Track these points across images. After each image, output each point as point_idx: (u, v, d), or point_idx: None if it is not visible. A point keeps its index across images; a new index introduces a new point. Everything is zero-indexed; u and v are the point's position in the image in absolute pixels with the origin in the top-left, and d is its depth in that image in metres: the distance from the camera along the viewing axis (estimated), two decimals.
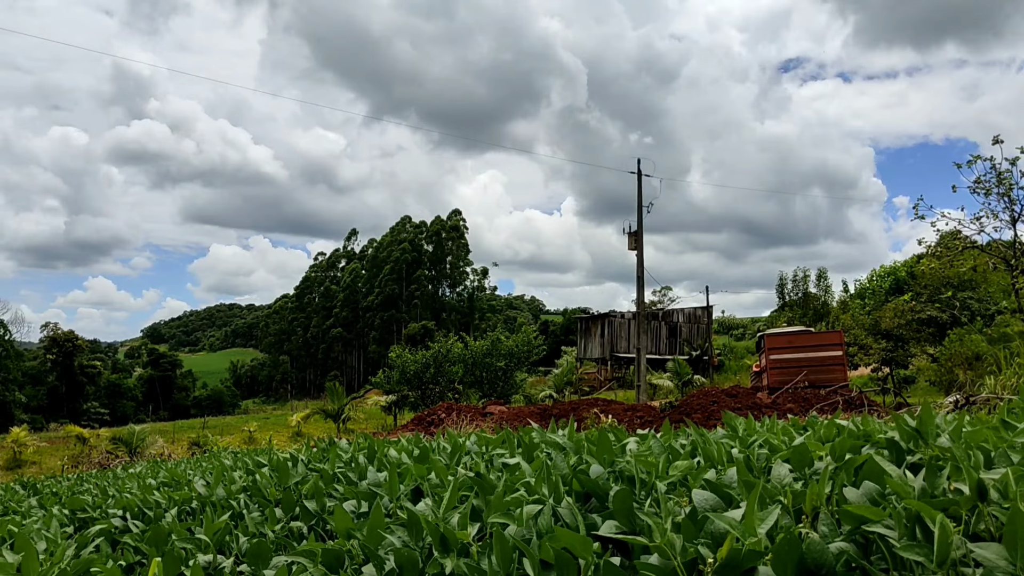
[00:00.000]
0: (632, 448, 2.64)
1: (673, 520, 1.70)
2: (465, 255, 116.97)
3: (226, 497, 3.53)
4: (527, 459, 2.82)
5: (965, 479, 1.59)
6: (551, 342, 58.85)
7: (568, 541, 1.68)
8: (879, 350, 28.36)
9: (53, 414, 72.03)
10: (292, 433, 34.77)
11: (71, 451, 33.98)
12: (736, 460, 2.25)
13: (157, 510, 3.73)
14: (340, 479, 3.27)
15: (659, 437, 3.09)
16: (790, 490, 1.78)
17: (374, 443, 4.02)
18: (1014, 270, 16.92)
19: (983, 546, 1.40)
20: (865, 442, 2.25)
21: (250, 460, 5.03)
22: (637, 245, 30.82)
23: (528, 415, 16.10)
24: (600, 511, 2.07)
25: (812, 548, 1.51)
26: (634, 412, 15.85)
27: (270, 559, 2.40)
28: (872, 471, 1.78)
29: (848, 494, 1.69)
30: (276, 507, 3.03)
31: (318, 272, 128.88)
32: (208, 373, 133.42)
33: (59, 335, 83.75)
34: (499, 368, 33.78)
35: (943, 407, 11.09)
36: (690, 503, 1.85)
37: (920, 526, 1.53)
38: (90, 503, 4.62)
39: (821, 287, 60.15)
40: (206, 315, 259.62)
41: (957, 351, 20.69)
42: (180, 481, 4.87)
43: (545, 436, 3.18)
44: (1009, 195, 16.33)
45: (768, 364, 24.62)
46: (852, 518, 1.59)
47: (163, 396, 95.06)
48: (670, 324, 54.63)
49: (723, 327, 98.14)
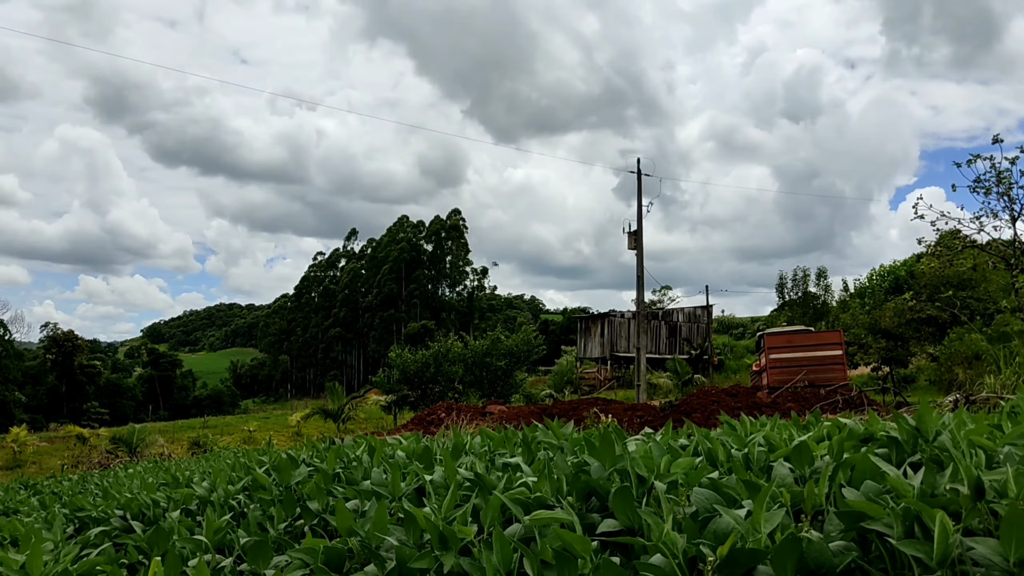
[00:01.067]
0: (633, 447, 2.65)
1: (674, 519, 1.71)
2: (465, 254, 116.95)
3: (227, 497, 3.54)
4: (528, 459, 2.83)
5: (963, 478, 1.60)
6: (551, 342, 58.84)
7: (567, 540, 1.69)
8: (879, 349, 28.37)
9: (53, 414, 72.03)
10: (292, 433, 34.79)
11: (71, 451, 33.99)
12: (735, 459, 2.26)
13: (157, 510, 3.74)
14: (342, 478, 3.28)
15: (660, 436, 3.10)
16: (788, 490, 1.79)
17: (376, 442, 4.03)
18: (1014, 269, 16.91)
19: (979, 541, 1.41)
20: (865, 441, 2.26)
21: (251, 459, 5.03)
22: (637, 245, 30.81)
23: (528, 415, 16.09)
24: (601, 510, 2.08)
25: (812, 547, 1.52)
26: (634, 412, 15.84)
27: (271, 558, 2.40)
28: (870, 470, 1.79)
29: (847, 493, 1.70)
30: (277, 506, 3.04)
31: (317, 272, 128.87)
32: (208, 373, 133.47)
33: (59, 335, 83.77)
34: (499, 368, 33.79)
35: (943, 406, 11.10)
36: (690, 502, 1.86)
37: (919, 524, 1.53)
38: (91, 503, 4.63)
39: (821, 286, 60.12)
40: (206, 315, 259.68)
41: (957, 350, 20.69)
42: (181, 481, 4.88)
43: (546, 435, 3.19)
44: (1009, 194, 16.34)
45: (768, 363, 24.61)
46: (852, 516, 1.60)
47: (163, 396, 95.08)
48: (670, 324, 54.64)
49: (723, 326, 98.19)
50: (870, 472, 1.78)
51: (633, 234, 30.88)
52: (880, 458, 1.89)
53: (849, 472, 1.87)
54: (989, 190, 16.45)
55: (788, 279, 60.99)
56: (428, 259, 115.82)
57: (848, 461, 1.92)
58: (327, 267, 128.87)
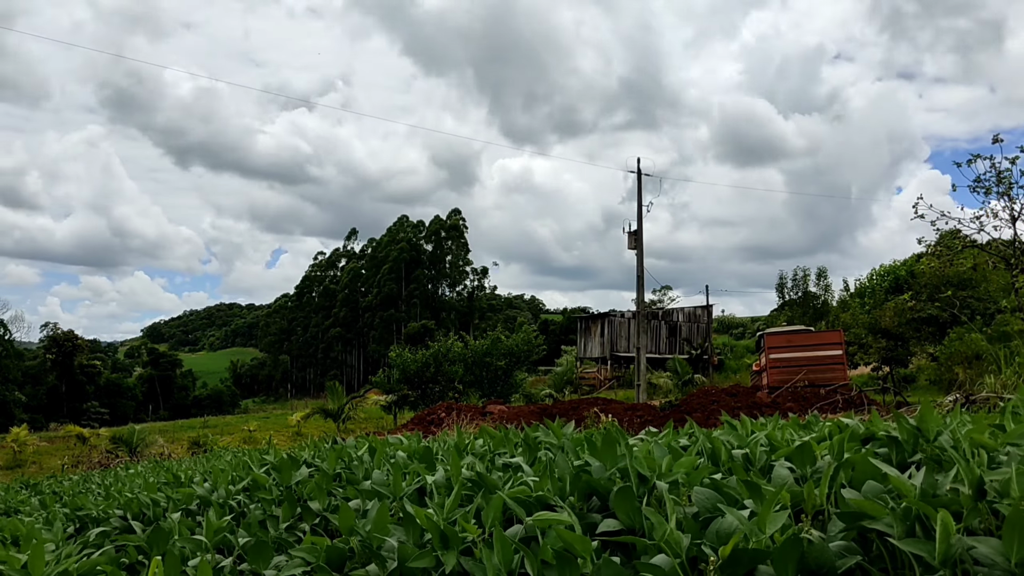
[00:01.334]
0: (634, 447, 2.65)
1: (676, 518, 1.71)
2: (465, 254, 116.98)
3: (227, 497, 3.54)
4: (529, 459, 2.83)
5: (964, 478, 1.60)
6: (551, 342, 58.84)
7: (567, 540, 1.69)
8: (879, 349, 28.36)
9: (53, 414, 72.00)
10: (292, 432, 34.77)
11: (71, 451, 33.98)
12: (736, 459, 2.26)
13: (157, 510, 3.74)
14: (343, 478, 3.28)
15: (661, 436, 3.10)
16: (788, 490, 1.79)
17: (377, 443, 4.03)
18: (1014, 269, 16.91)
19: (981, 541, 1.41)
20: (866, 441, 2.26)
21: (251, 459, 5.03)
22: (637, 244, 30.82)
23: (528, 414, 16.09)
24: (602, 510, 2.08)
25: (813, 547, 1.52)
26: (634, 411, 15.84)
27: (271, 558, 2.40)
28: (871, 470, 1.79)
29: (847, 494, 1.70)
30: (278, 506, 3.04)
31: (318, 271, 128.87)
32: (208, 372, 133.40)
33: (59, 335, 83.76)
34: (499, 367, 33.80)
35: (943, 406, 11.09)
36: (691, 502, 1.86)
37: (920, 524, 1.53)
38: (92, 503, 4.63)
39: (820, 286, 60.12)
40: (206, 315, 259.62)
41: (957, 350, 20.69)
42: (181, 481, 4.88)
43: (547, 435, 3.19)
44: (1009, 194, 16.34)
45: (768, 363, 24.62)
46: (853, 516, 1.60)
47: (163, 395, 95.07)
48: (670, 323, 54.66)
49: (723, 326, 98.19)
50: (871, 472, 1.78)
51: (633, 234, 30.89)
52: (881, 458, 1.89)
53: (850, 472, 1.87)
54: (989, 190, 16.46)
55: (788, 279, 61.04)
56: (428, 259, 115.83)
57: (849, 461, 1.92)
58: (327, 267, 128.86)
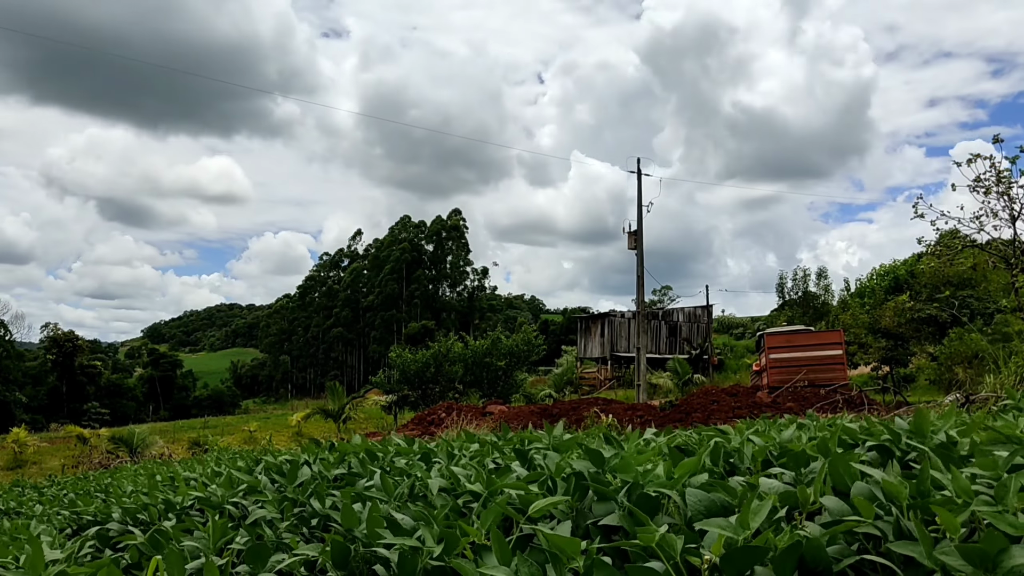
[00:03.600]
0: (630, 448, 2.67)
1: (670, 520, 1.72)
2: (465, 255, 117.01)
3: (228, 497, 3.55)
4: (522, 461, 2.85)
5: (955, 479, 1.62)
6: (551, 342, 58.86)
7: (556, 542, 1.70)
8: (879, 349, 28.37)
9: (53, 414, 72.01)
10: (292, 433, 34.81)
11: (71, 451, 34.03)
12: (734, 460, 2.28)
13: (155, 510, 3.75)
14: (343, 480, 3.29)
15: (658, 436, 3.12)
16: (777, 491, 1.80)
17: (377, 445, 4.04)
18: (1014, 269, 16.92)
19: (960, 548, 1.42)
20: (858, 442, 2.28)
21: (251, 460, 5.05)
22: (637, 244, 30.83)
23: (528, 415, 16.11)
24: (597, 511, 2.09)
25: (811, 548, 1.53)
26: (634, 411, 15.87)
27: (269, 559, 2.42)
28: (863, 471, 1.80)
29: (838, 496, 1.71)
30: (278, 507, 3.06)
31: (322, 272, 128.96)
32: (208, 373, 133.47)
33: (59, 335, 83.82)
34: (499, 368, 33.80)
35: (943, 406, 11.11)
36: (685, 504, 1.87)
37: (912, 525, 1.55)
38: (91, 504, 4.64)
39: (821, 286, 60.16)
40: (206, 315, 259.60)
41: (957, 350, 20.70)
42: (181, 482, 4.89)
43: (541, 437, 3.21)
44: (1008, 193, 16.34)
45: (768, 363, 24.64)
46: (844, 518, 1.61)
47: (163, 396, 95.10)
48: (670, 323, 54.66)
49: (723, 326, 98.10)
50: (863, 473, 1.80)
51: (633, 234, 30.90)
52: (874, 458, 1.90)
53: (842, 472, 1.88)
54: (989, 190, 16.46)
55: (788, 279, 61.09)
56: (429, 259, 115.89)
57: (842, 461, 1.93)
58: (331, 267, 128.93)
